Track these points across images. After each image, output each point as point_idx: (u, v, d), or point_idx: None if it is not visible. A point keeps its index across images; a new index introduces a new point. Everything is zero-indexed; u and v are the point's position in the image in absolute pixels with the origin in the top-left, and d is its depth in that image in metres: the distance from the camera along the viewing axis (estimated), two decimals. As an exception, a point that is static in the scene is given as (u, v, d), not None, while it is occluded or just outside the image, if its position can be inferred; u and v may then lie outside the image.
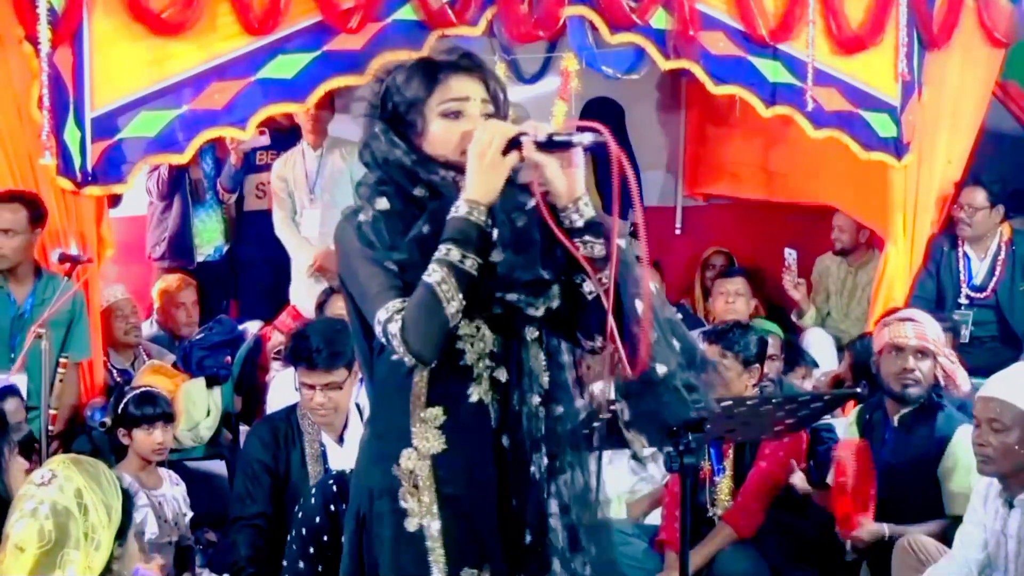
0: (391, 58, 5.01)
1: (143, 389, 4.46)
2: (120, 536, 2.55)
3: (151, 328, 6.04)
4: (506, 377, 2.31)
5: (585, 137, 2.22)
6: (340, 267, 2.37)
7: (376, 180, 2.34)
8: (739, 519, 4.32)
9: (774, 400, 4.26)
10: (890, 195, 5.74)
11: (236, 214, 6.67)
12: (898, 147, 5.70)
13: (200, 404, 5.12)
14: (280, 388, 4.97)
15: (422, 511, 2.29)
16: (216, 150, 6.38)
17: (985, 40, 5.88)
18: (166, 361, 5.45)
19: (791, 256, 6.24)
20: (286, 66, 4.88)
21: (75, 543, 2.47)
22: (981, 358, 5.37)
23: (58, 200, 4.72)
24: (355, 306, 2.34)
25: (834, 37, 5.52)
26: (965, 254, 5.81)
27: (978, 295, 5.78)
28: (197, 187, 6.43)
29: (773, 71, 5.46)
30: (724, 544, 4.31)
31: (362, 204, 2.33)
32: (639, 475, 4.75)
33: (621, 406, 2.34)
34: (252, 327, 5.77)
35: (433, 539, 2.29)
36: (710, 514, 4.39)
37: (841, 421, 4.79)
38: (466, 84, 2.33)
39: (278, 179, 6.25)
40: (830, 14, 5.48)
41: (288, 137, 6.37)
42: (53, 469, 2.55)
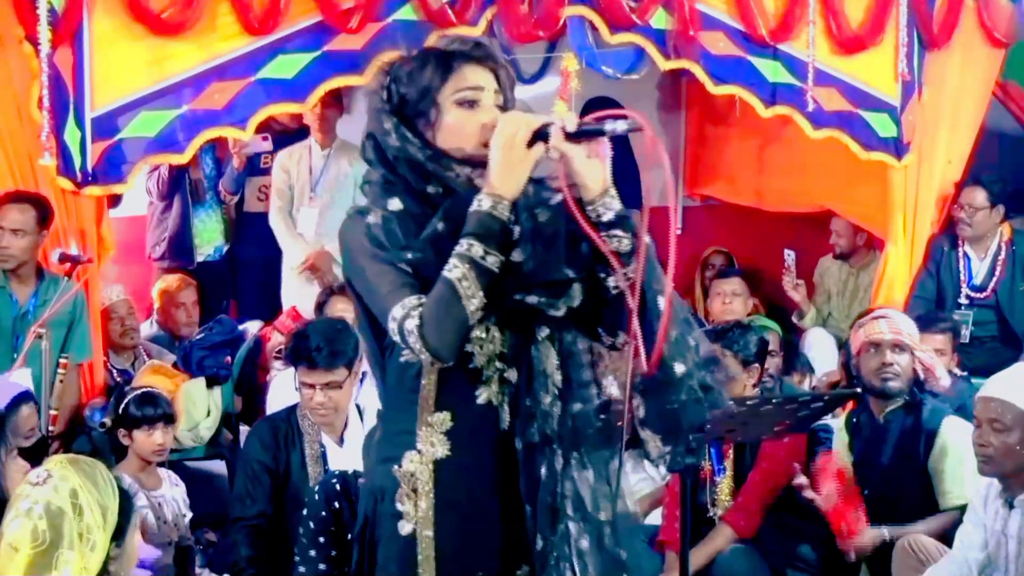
0: (391, 58, 5.02)
1: (144, 390, 4.43)
2: (117, 537, 2.53)
3: (151, 328, 6.04)
4: (516, 377, 2.23)
5: (619, 124, 2.13)
6: (346, 267, 2.29)
7: (382, 178, 2.25)
8: (739, 519, 4.32)
9: (774, 400, 4.28)
10: (890, 195, 5.74)
11: (236, 214, 6.67)
12: (898, 147, 5.70)
13: (200, 404, 5.11)
14: (280, 388, 4.97)
15: (417, 516, 2.22)
16: (216, 150, 6.38)
17: (985, 40, 5.88)
18: (166, 361, 5.44)
19: (790, 257, 6.23)
20: (286, 66, 4.87)
21: (70, 543, 2.45)
22: (981, 358, 5.38)
23: (58, 200, 4.71)
24: (364, 306, 2.27)
25: (834, 37, 5.51)
26: (965, 254, 5.81)
27: (978, 295, 5.78)
28: (197, 187, 6.43)
29: (773, 71, 5.46)
30: (724, 544, 4.30)
31: (369, 204, 2.23)
32: (639, 475, 4.75)
33: (637, 403, 2.26)
34: (252, 327, 5.76)
35: (425, 546, 2.22)
36: (710, 514, 4.40)
37: (834, 423, 4.79)
38: (480, 74, 2.25)
39: (281, 170, 6.20)
40: (830, 14, 5.47)
41: (294, 139, 6.35)
42: (49, 469, 2.54)
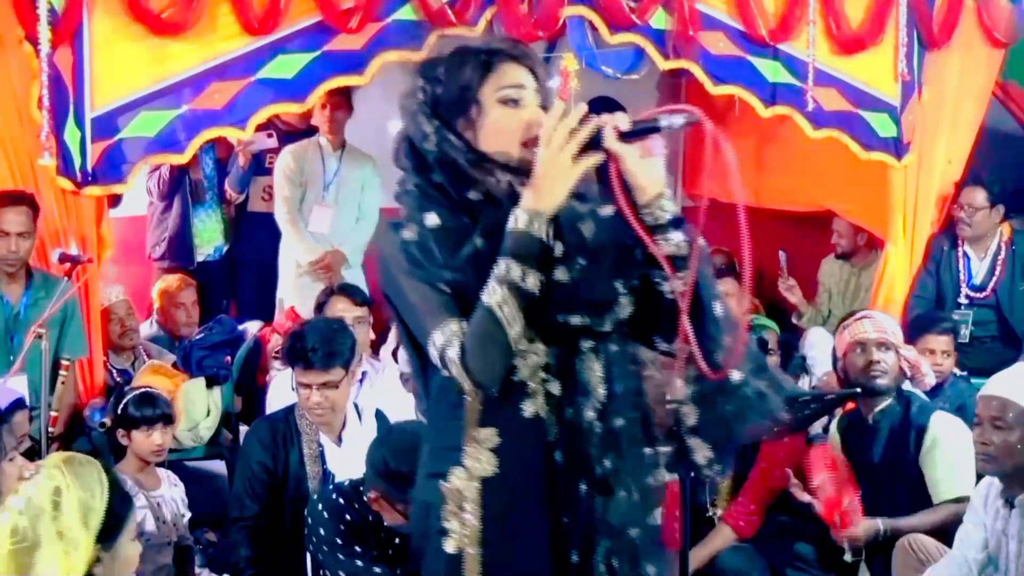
0: (391, 58, 5.03)
1: (143, 390, 4.42)
2: (105, 539, 2.51)
3: (151, 328, 6.03)
4: (559, 390, 2.15)
5: (676, 119, 2.02)
6: (383, 282, 2.21)
7: (418, 188, 2.17)
8: (739, 519, 4.33)
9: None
10: (890, 195, 5.74)
11: (237, 214, 6.66)
12: (898, 147, 5.70)
13: (200, 404, 5.10)
14: (280, 388, 4.96)
15: (463, 533, 2.15)
16: (216, 150, 6.37)
17: (985, 40, 5.88)
18: (166, 361, 5.43)
19: (782, 258, 6.25)
20: (286, 66, 4.87)
21: (48, 541, 2.43)
22: (981, 358, 5.39)
23: (58, 200, 4.70)
24: (403, 321, 2.20)
25: (834, 37, 5.52)
26: (965, 254, 5.81)
27: (978, 295, 5.78)
28: (197, 187, 6.41)
29: (773, 71, 5.46)
30: (724, 544, 4.31)
31: (405, 218, 2.15)
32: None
33: (687, 411, 2.18)
34: (252, 327, 5.75)
35: (471, 564, 2.15)
36: (710, 514, 4.40)
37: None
38: (519, 72, 2.18)
39: (292, 158, 6.10)
40: (830, 14, 5.48)
41: (300, 139, 6.31)
42: (40, 466, 2.54)
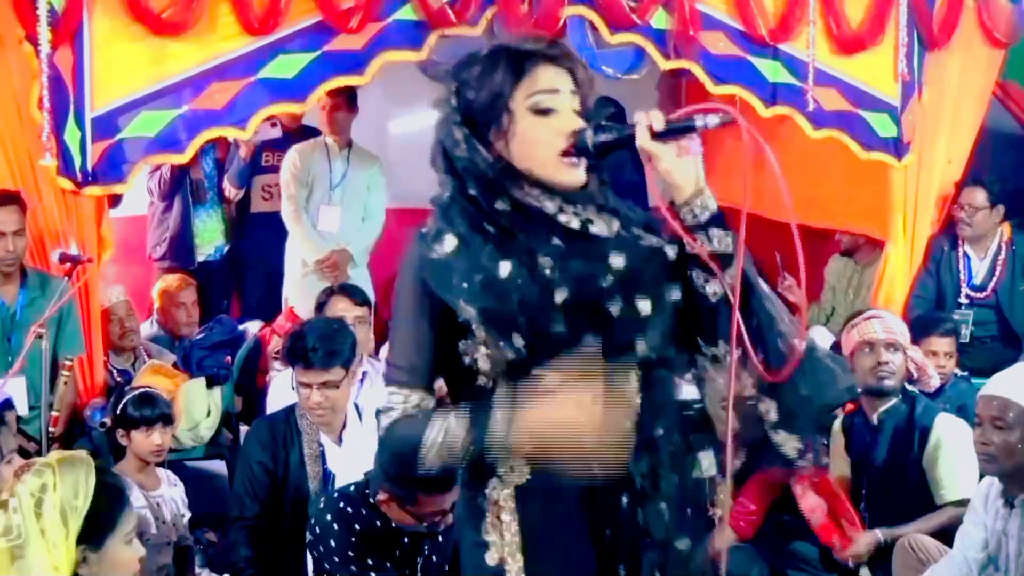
0: (391, 58, 5.03)
1: (143, 390, 4.42)
2: (91, 540, 2.50)
3: (151, 328, 6.03)
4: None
5: (711, 119, 1.97)
6: (396, 288, 2.15)
7: (449, 199, 2.09)
8: (739, 520, 4.32)
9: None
10: (890, 195, 5.74)
11: (237, 214, 6.66)
12: (898, 147, 5.70)
13: (200, 404, 5.10)
14: (280, 388, 4.97)
15: (504, 546, 2.09)
16: (216, 150, 6.38)
17: (985, 40, 5.88)
18: (166, 361, 5.43)
19: (778, 258, 6.24)
20: (286, 66, 4.87)
21: (35, 538, 2.44)
22: (981, 358, 5.38)
23: (58, 200, 4.70)
24: None
25: (834, 37, 5.51)
26: (965, 254, 5.81)
27: (978, 295, 5.77)
28: (198, 187, 6.42)
29: (773, 71, 5.46)
30: (724, 544, 4.29)
31: (430, 230, 2.08)
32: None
33: (767, 407, 2.11)
34: (252, 327, 5.75)
35: None
36: (710, 514, 4.39)
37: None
38: (554, 75, 2.08)
39: (299, 155, 6.08)
40: (830, 14, 5.47)
41: (293, 140, 6.32)
42: (33, 464, 2.54)
